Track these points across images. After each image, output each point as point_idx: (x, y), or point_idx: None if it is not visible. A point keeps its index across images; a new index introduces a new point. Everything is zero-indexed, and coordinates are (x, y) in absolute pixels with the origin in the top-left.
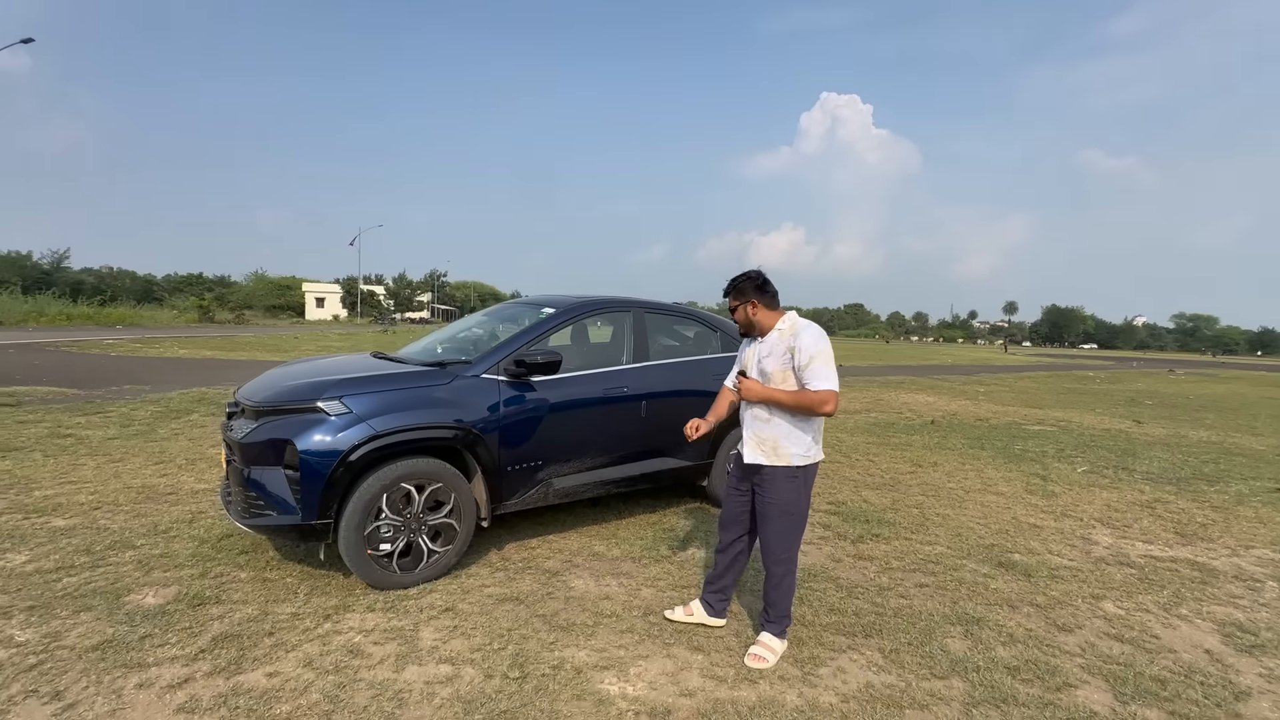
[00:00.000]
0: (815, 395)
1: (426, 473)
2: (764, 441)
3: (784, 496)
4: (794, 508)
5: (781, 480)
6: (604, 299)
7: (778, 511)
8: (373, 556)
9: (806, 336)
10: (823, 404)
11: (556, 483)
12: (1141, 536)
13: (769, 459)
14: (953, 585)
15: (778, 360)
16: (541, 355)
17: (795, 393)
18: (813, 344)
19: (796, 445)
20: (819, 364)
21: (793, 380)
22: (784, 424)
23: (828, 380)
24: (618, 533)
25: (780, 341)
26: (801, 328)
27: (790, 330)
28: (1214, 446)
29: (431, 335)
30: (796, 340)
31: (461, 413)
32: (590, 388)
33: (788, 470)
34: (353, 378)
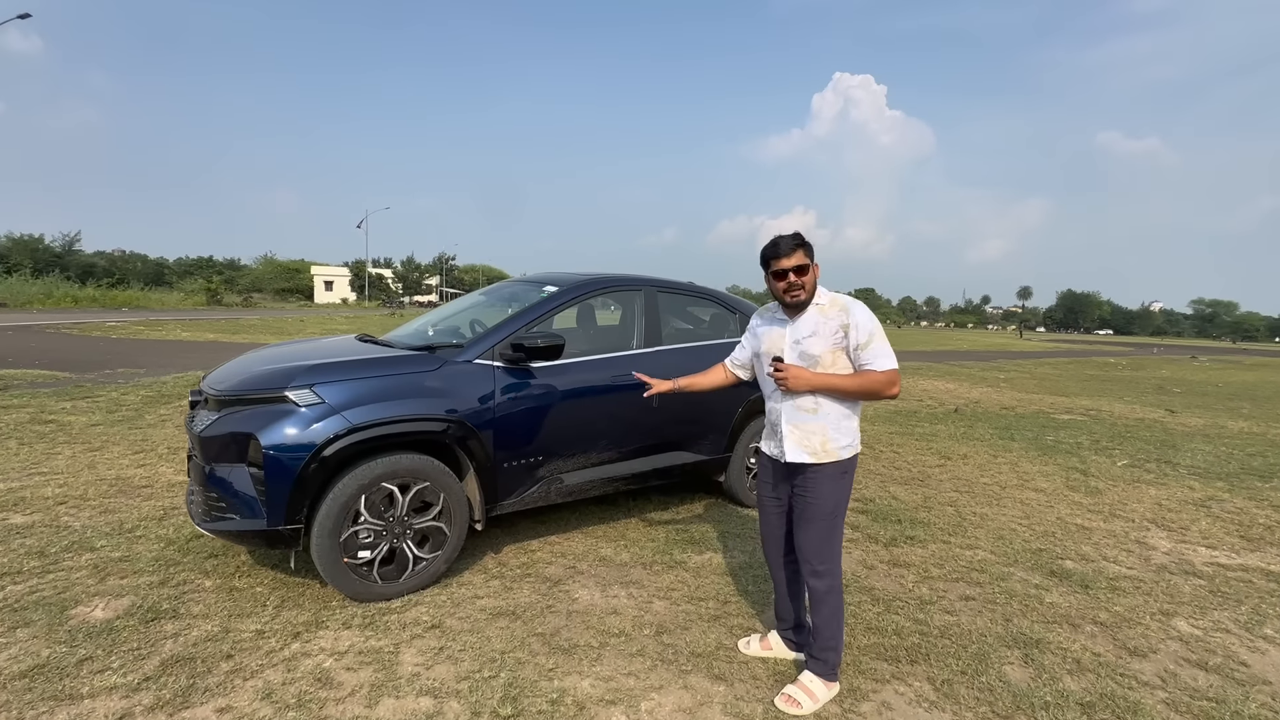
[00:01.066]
0: (882, 376)
1: (412, 470)
2: (810, 435)
3: (832, 496)
4: (839, 507)
5: (830, 478)
6: (612, 276)
7: (821, 513)
8: (350, 565)
9: (860, 312)
10: (890, 385)
11: (559, 480)
12: (1203, 540)
13: (816, 455)
14: (1002, 598)
15: (826, 340)
16: (542, 339)
17: (859, 375)
18: (869, 320)
19: (845, 435)
20: (879, 341)
21: (844, 362)
22: (833, 413)
23: (891, 358)
24: (626, 533)
25: (825, 320)
26: (850, 303)
27: (837, 306)
28: (1257, 438)
29: (424, 317)
30: (850, 317)
31: (452, 402)
32: (597, 374)
33: (838, 466)
34: (326, 363)
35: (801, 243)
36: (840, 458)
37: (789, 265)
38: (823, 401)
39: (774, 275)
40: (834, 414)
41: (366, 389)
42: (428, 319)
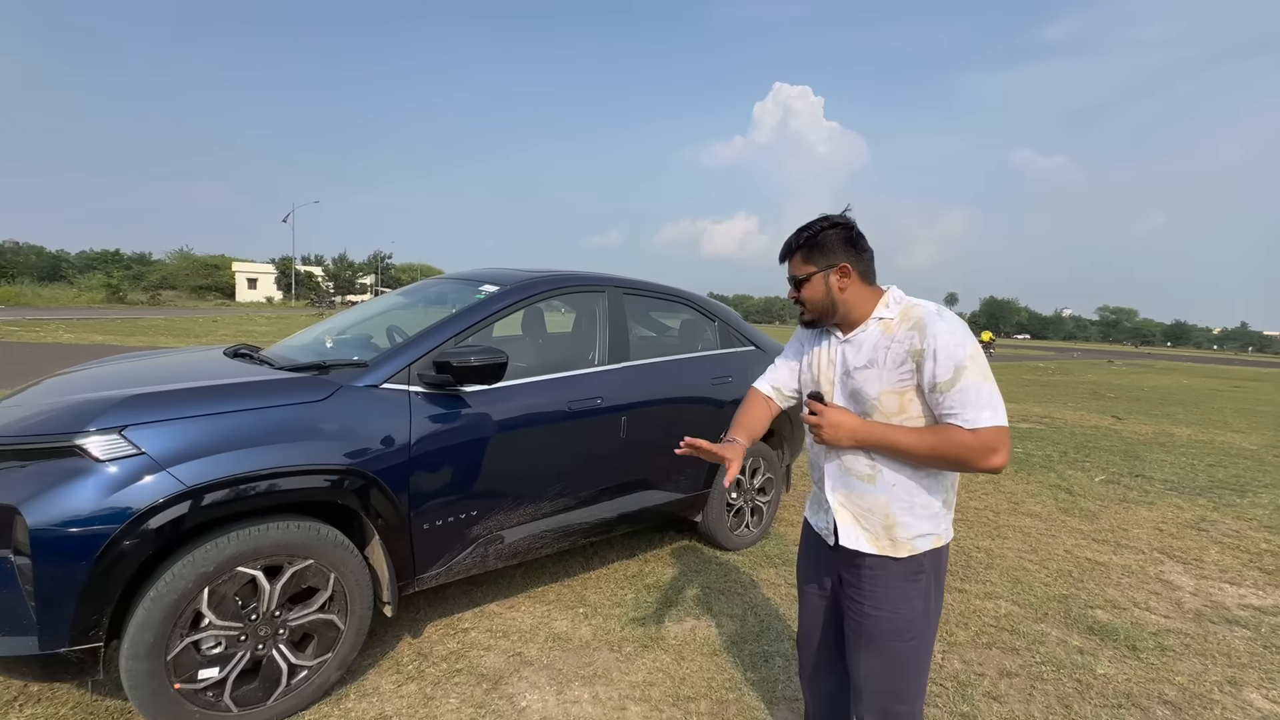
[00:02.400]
0: (973, 438)
1: (286, 545)
2: (868, 514)
3: (901, 606)
4: (916, 625)
5: (898, 580)
6: (568, 275)
7: (886, 631)
8: (185, 693)
9: (944, 333)
10: (988, 453)
11: (500, 539)
12: (1222, 575)
13: (876, 543)
14: (1050, 672)
15: (887, 375)
16: (476, 355)
17: (935, 432)
18: (958, 346)
19: (922, 519)
20: (975, 380)
21: (917, 407)
22: (902, 484)
23: (994, 410)
24: (585, 596)
25: (889, 341)
26: (928, 316)
27: (910, 320)
28: (1207, 446)
29: (324, 322)
30: (926, 339)
31: (348, 445)
32: (550, 398)
33: (909, 565)
34: (151, 393)
35: (802, 242)
36: (915, 550)
37: (789, 276)
38: (882, 466)
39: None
40: (902, 486)
41: (212, 430)
42: (328, 326)
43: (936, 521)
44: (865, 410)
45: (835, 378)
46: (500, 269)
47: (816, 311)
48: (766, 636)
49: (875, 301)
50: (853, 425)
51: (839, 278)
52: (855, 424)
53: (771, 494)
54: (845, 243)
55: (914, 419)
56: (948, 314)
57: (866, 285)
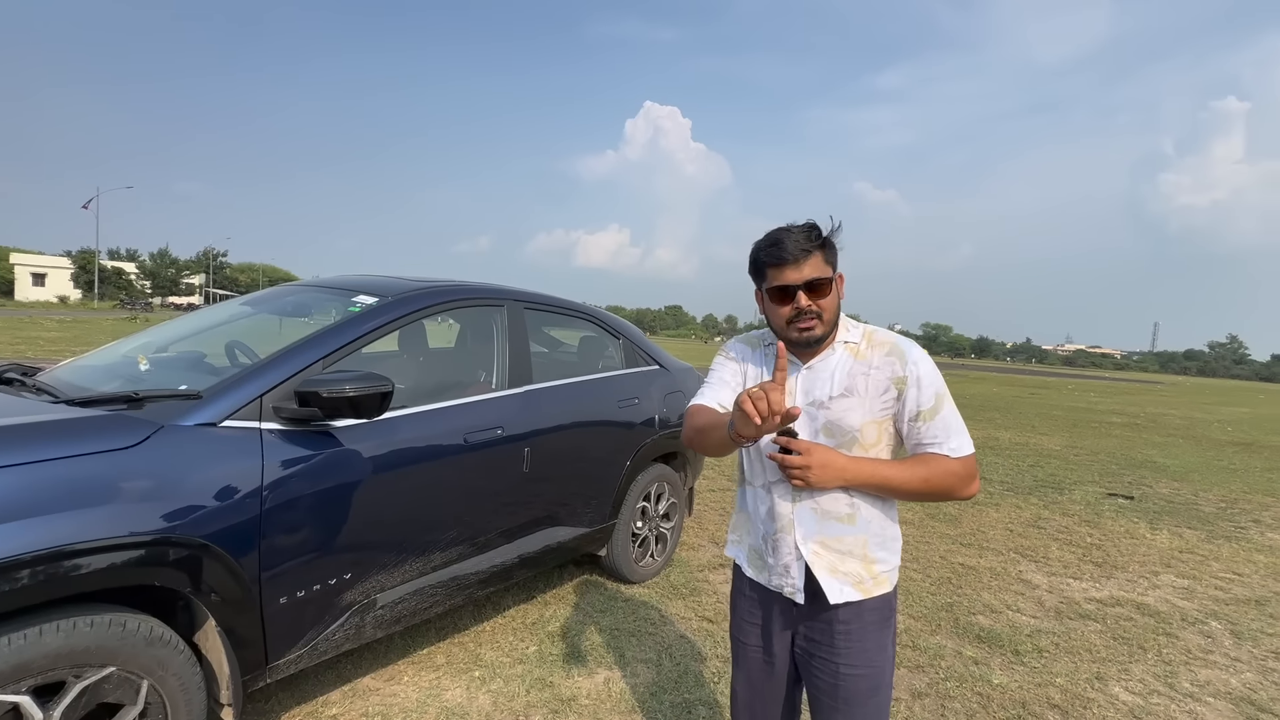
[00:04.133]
0: (960, 466)
1: (68, 653)
2: (845, 557)
3: (878, 658)
4: (888, 676)
5: (873, 630)
6: (462, 286)
7: (867, 690)
8: None
9: (922, 358)
10: (970, 480)
11: (377, 602)
12: (1065, 570)
13: (860, 586)
14: (955, 688)
15: (872, 402)
16: (353, 384)
17: (926, 463)
18: (934, 371)
19: (892, 552)
20: (951, 406)
21: (889, 437)
22: (877, 518)
23: (967, 436)
24: (480, 654)
25: (866, 368)
26: (903, 341)
27: (884, 346)
28: (1023, 448)
29: (137, 336)
30: (908, 364)
31: (166, 505)
32: (443, 430)
33: (882, 606)
34: None
35: (822, 241)
36: (887, 588)
37: (799, 279)
38: (860, 503)
39: (776, 294)
40: (877, 521)
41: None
42: (143, 340)
43: (896, 555)
44: (843, 444)
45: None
46: (377, 277)
47: (830, 325)
48: (685, 683)
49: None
50: (842, 464)
51: (841, 284)
52: (844, 462)
53: (675, 519)
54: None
55: (883, 450)
56: (913, 343)
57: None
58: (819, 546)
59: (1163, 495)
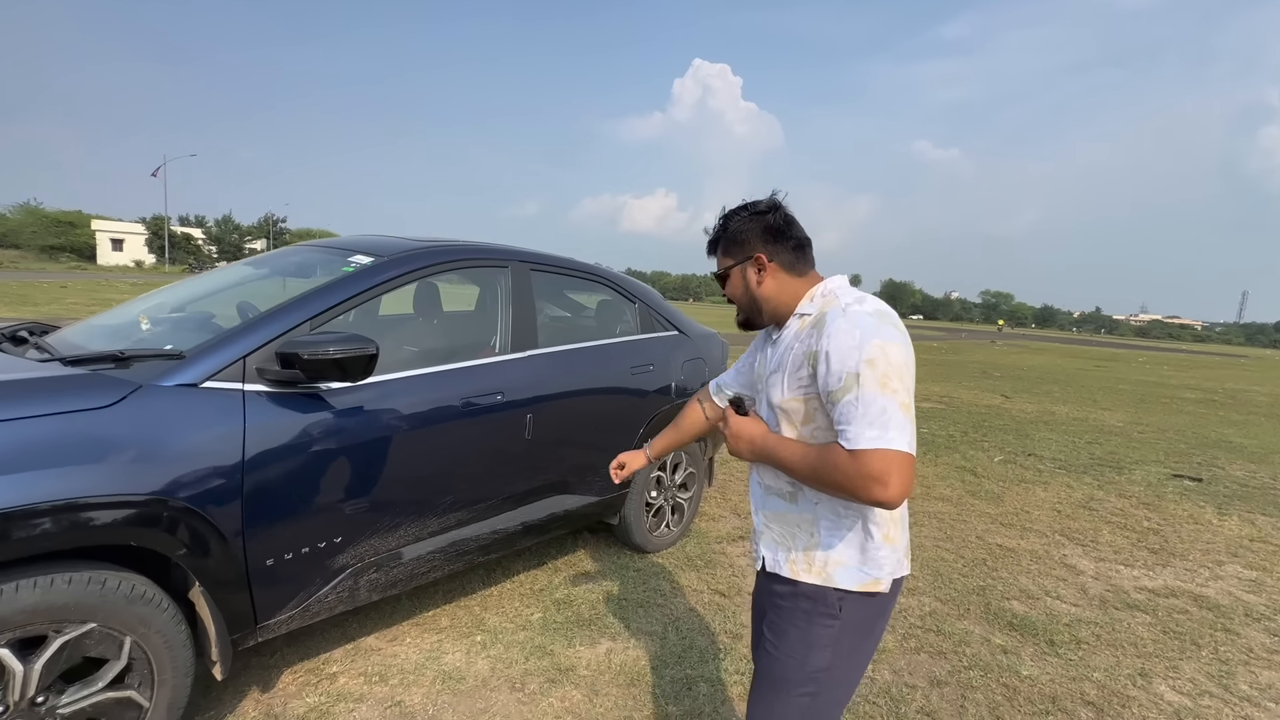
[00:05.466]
0: (852, 463)
1: (46, 608)
2: (792, 535)
3: (798, 649)
4: (814, 675)
5: (801, 618)
6: (464, 246)
7: (777, 676)
8: None
9: (842, 330)
10: (870, 481)
11: (374, 566)
12: (1116, 556)
13: (794, 567)
14: (978, 678)
15: (790, 378)
16: (336, 345)
17: (819, 451)
18: (855, 345)
19: (847, 545)
20: (870, 389)
21: (823, 418)
22: (827, 503)
23: (880, 429)
24: (484, 619)
25: (795, 341)
26: (833, 311)
27: (815, 319)
28: (1082, 424)
29: (145, 298)
30: (822, 337)
31: (144, 466)
32: (439, 395)
33: (819, 599)
34: None
35: (719, 234)
36: (829, 580)
37: (718, 269)
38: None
39: None
40: (826, 504)
41: None
42: (155, 301)
43: (864, 555)
44: (777, 419)
45: (760, 382)
46: (381, 237)
47: (743, 310)
48: (689, 658)
49: (802, 292)
50: (752, 435)
51: (755, 271)
52: (755, 434)
53: (694, 490)
54: (763, 231)
55: (824, 430)
56: (859, 309)
57: (792, 277)
58: (767, 518)
59: (1236, 478)
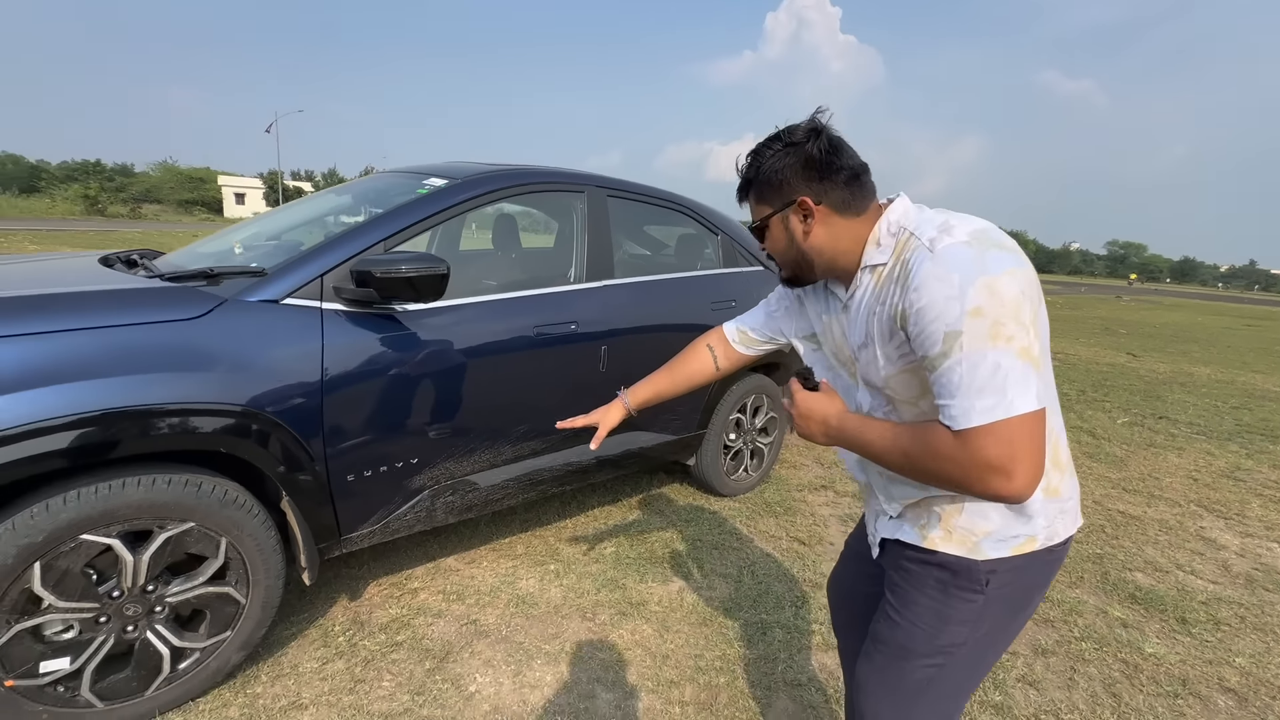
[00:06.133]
0: (958, 447)
1: (150, 505)
2: (917, 499)
3: (930, 620)
4: (944, 648)
5: (934, 584)
6: (537, 170)
7: (902, 645)
8: (23, 691)
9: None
10: (987, 472)
11: (451, 489)
12: (1269, 533)
13: (927, 533)
14: (1092, 650)
15: (888, 349)
16: (409, 264)
17: (912, 433)
18: (948, 297)
19: (996, 508)
20: (974, 347)
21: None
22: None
23: (995, 393)
24: (558, 549)
25: (877, 303)
26: (916, 257)
27: (891, 268)
28: (1229, 387)
29: (244, 227)
30: (908, 290)
31: (230, 377)
32: (511, 323)
33: (960, 568)
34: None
35: (750, 176)
36: (981, 555)
37: (754, 220)
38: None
39: None
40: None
41: (24, 356)
42: (252, 230)
43: (1018, 514)
44: (886, 403)
45: (829, 350)
46: (460, 162)
47: (789, 266)
48: (765, 603)
49: (863, 236)
50: (825, 415)
51: (800, 219)
52: (829, 413)
53: (774, 435)
54: (804, 167)
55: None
56: (949, 241)
57: (849, 218)
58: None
59: None
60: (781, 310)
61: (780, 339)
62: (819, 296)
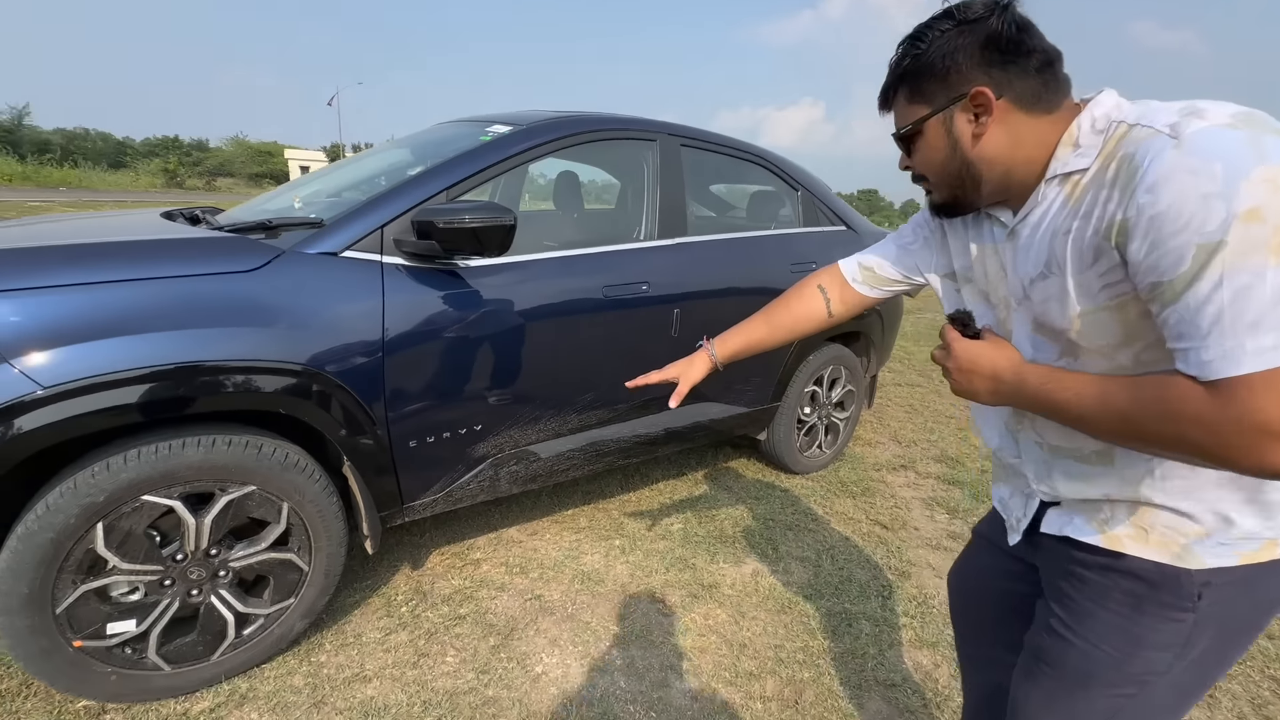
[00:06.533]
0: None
1: (210, 466)
2: (1099, 492)
3: (1119, 641)
4: (1139, 677)
5: (1124, 598)
6: (608, 117)
7: (1081, 671)
8: (91, 651)
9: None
10: (1255, 434)
11: (515, 458)
12: None
13: (1112, 532)
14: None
15: (1085, 279)
16: (472, 214)
17: (1137, 387)
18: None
19: (1242, 508)
20: (1248, 264)
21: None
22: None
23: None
24: (623, 523)
25: (1074, 217)
26: (1149, 148)
27: (1101, 170)
28: None
29: (305, 183)
30: (1131, 197)
31: (288, 334)
32: (578, 281)
33: (1160, 579)
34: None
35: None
36: (1190, 563)
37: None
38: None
39: None
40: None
41: (82, 308)
42: (314, 187)
43: (1267, 514)
44: (1067, 352)
45: (1013, 299)
46: (521, 111)
47: (945, 186)
48: (848, 591)
49: (1054, 143)
50: (996, 367)
51: (969, 118)
52: (1002, 365)
53: (851, 410)
54: (984, 48)
55: (1158, 353)
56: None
57: (1036, 116)
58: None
59: None
60: (919, 242)
61: (916, 277)
62: (966, 223)
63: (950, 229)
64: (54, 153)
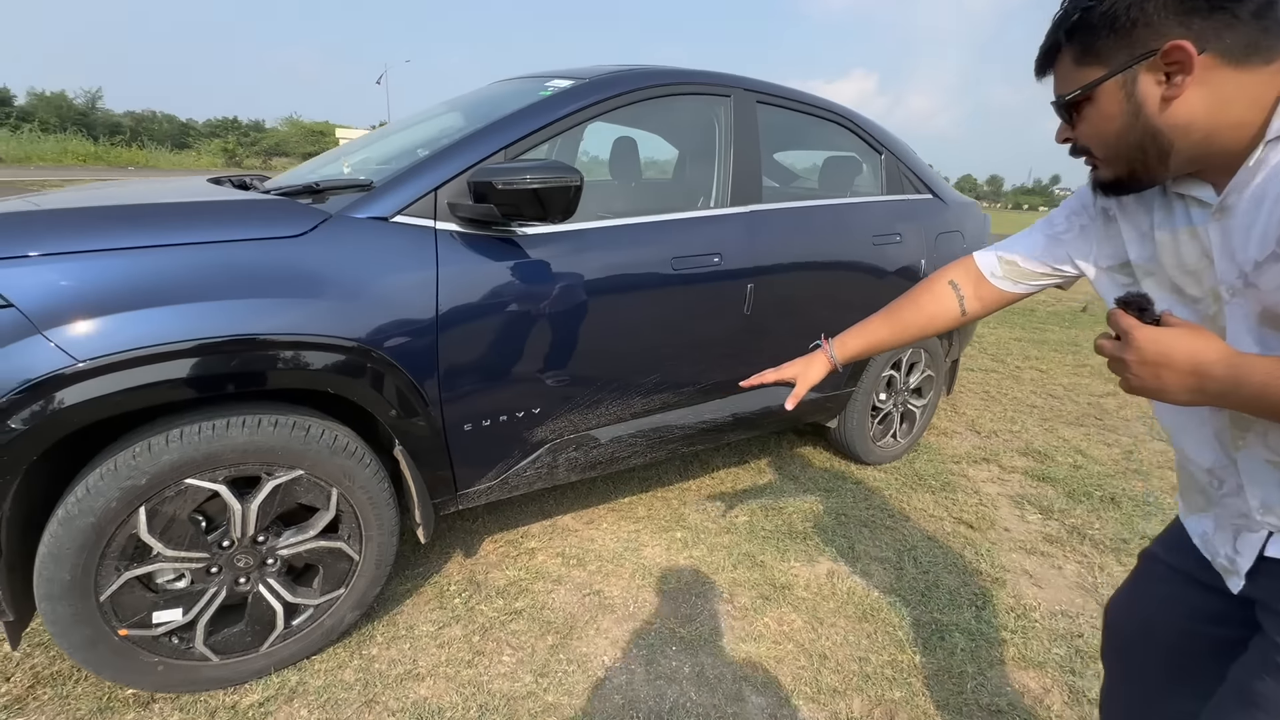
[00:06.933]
0: None
1: (256, 449)
2: None
3: None
4: None
5: None
6: (676, 70)
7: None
8: (137, 640)
9: None
10: None
11: (574, 444)
12: None
13: None
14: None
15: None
16: (534, 174)
17: None
18: None
19: None
20: None
21: None
22: None
23: None
24: (684, 514)
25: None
26: None
27: None
28: None
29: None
30: None
31: (335, 305)
32: (644, 253)
33: None
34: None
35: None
36: None
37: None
38: None
39: None
40: None
41: (118, 275)
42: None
43: None
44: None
45: (1223, 287)
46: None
47: (1120, 159)
48: (936, 598)
49: (1270, 103)
50: (1196, 359)
51: (1158, 79)
52: (1204, 357)
53: (929, 396)
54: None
55: None
56: None
57: (1246, 71)
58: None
59: None
60: (1075, 230)
61: (1066, 268)
62: (1145, 205)
63: (1122, 213)
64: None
